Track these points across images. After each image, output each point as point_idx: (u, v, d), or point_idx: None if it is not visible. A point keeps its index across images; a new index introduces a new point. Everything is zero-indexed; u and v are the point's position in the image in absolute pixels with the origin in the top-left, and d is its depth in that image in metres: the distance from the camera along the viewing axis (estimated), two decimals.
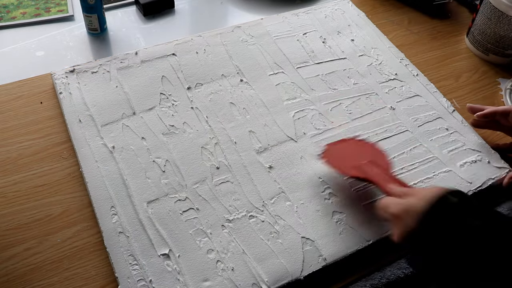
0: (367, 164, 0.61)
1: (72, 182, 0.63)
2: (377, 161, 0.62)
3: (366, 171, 0.60)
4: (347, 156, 0.65)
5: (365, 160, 0.62)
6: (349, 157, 0.64)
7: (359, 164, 0.61)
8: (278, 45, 0.82)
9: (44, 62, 0.79)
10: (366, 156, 0.63)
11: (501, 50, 0.86)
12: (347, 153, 0.65)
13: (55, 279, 0.55)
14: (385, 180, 0.58)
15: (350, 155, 0.65)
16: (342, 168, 0.63)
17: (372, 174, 0.60)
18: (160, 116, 0.69)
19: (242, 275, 0.56)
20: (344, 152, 0.65)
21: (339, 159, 0.64)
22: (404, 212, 0.50)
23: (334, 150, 0.65)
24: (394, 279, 0.58)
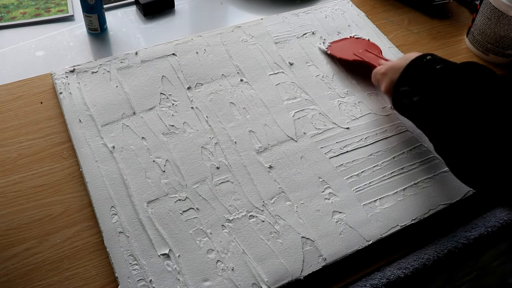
0: (363, 51, 0.80)
1: (72, 182, 0.63)
2: (371, 49, 0.80)
3: (363, 56, 0.78)
4: (347, 48, 0.82)
5: (361, 49, 0.80)
6: (349, 48, 0.81)
7: (357, 52, 0.79)
8: (278, 45, 0.82)
9: (44, 62, 0.79)
10: (362, 47, 0.81)
11: (501, 50, 0.86)
12: (347, 46, 0.82)
13: (55, 279, 0.55)
14: (377, 59, 0.76)
15: (349, 46, 0.82)
16: (344, 56, 0.79)
17: (367, 57, 0.78)
18: (160, 116, 0.69)
19: (242, 275, 0.56)
20: (344, 45, 0.83)
21: (342, 50, 0.81)
22: (390, 69, 0.67)
23: (337, 45, 0.83)
24: (394, 279, 0.58)
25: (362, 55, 0.78)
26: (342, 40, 0.84)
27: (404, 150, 0.70)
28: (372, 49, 0.80)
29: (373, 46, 0.81)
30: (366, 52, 0.79)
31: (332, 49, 0.82)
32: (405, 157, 0.69)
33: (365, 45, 0.82)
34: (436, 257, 0.61)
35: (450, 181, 0.67)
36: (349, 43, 0.83)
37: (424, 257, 0.61)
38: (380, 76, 0.69)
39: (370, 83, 0.76)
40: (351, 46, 0.82)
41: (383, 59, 0.76)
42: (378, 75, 0.69)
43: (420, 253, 0.61)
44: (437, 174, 0.68)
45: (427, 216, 0.63)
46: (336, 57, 0.80)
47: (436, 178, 0.67)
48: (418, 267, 0.60)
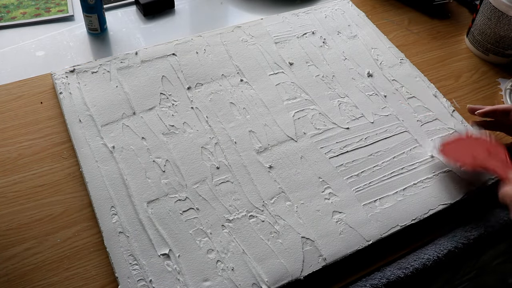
0: (484, 155, 0.64)
1: (72, 182, 0.63)
2: (493, 151, 0.64)
3: (484, 162, 0.63)
4: (463, 149, 0.68)
5: (482, 153, 0.65)
6: (465, 150, 0.67)
7: (476, 156, 0.65)
8: (278, 45, 0.82)
9: (44, 62, 0.79)
10: (483, 149, 0.66)
11: (501, 50, 0.86)
12: (463, 147, 0.68)
13: (55, 279, 0.55)
14: (504, 168, 0.61)
15: (467, 148, 0.68)
16: (462, 160, 0.66)
17: (491, 164, 0.62)
18: (160, 116, 0.69)
19: (242, 275, 0.56)
20: (460, 146, 0.69)
21: (457, 152, 0.67)
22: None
23: (450, 145, 0.69)
24: (394, 279, 0.58)
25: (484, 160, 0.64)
26: (457, 139, 0.71)
27: (404, 150, 0.70)
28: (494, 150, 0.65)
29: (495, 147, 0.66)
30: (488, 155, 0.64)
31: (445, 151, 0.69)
32: (405, 157, 0.69)
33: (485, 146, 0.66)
34: (436, 257, 0.61)
35: (450, 181, 0.67)
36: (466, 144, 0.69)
37: (424, 257, 0.61)
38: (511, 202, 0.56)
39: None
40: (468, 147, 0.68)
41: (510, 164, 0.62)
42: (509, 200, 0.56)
43: (420, 253, 0.61)
44: (437, 174, 0.68)
45: (427, 216, 0.63)
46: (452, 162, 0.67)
47: (436, 178, 0.67)
48: (418, 267, 0.60)
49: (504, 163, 0.62)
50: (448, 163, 0.67)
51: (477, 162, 0.64)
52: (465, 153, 0.66)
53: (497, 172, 0.61)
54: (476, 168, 0.64)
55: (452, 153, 0.67)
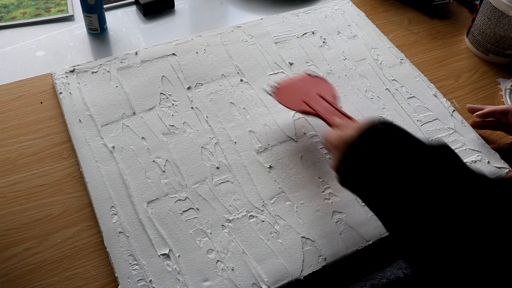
0: (314, 97, 0.64)
1: (72, 182, 0.63)
2: (324, 94, 0.65)
3: (313, 105, 0.63)
4: (296, 91, 0.67)
5: (313, 94, 0.65)
6: (298, 92, 0.67)
7: (306, 99, 0.65)
8: (278, 45, 0.82)
9: (44, 62, 0.79)
10: (314, 90, 0.66)
11: (501, 50, 0.86)
12: (295, 89, 0.68)
13: (55, 279, 0.55)
14: (329, 113, 0.62)
15: (300, 90, 0.67)
16: (291, 104, 0.65)
17: (317, 108, 0.63)
18: (160, 116, 0.69)
19: (242, 275, 0.56)
20: (294, 87, 0.68)
21: (288, 95, 0.67)
22: (340, 143, 0.52)
23: (284, 88, 0.68)
24: (394, 279, 0.58)
25: (313, 102, 0.64)
26: (292, 79, 0.70)
27: None
28: (325, 91, 0.66)
29: (327, 89, 0.67)
30: (319, 98, 0.64)
31: (278, 93, 0.68)
32: None
33: (318, 87, 0.67)
34: None
35: None
36: (299, 85, 0.69)
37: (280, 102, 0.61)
38: (331, 147, 0.55)
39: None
40: (301, 89, 0.67)
41: (338, 111, 0.62)
42: (329, 145, 0.55)
43: None
44: None
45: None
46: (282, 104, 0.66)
47: None
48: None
49: (331, 106, 0.62)
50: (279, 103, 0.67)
51: (306, 106, 0.64)
52: (297, 95, 0.66)
53: (322, 116, 0.61)
54: (306, 113, 0.64)
55: (284, 96, 0.67)
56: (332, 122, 0.60)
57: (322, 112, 0.62)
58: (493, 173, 0.69)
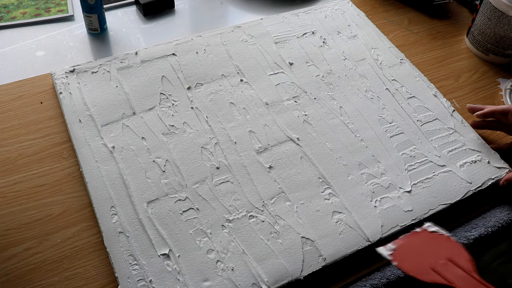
0: (446, 264, 0.54)
1: (72, 182, 0.63)
2: (456, 258, 0.54)
3: (446, 274, 0.53)
4: (420, 254, 0.56)
5: (442, 259, 0.54)
6: (423, 256, 0.55)
7: (436, 266, 0.54)
8: (278, 45, 0.82)
9: (44, 62, 0.79)
10: (442, 253, 0.55)
11: (501, 50, 0.86)
12: (420, 251, 0.56)
13: (55, 279, 0.55)
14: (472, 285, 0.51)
15: (424, 252, 0.56)
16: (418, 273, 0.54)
17: (454, 278, 0.52)
18: (160, 116, 0.69)
19: (242, 275, 0.56)
20: (416, 249, 0.57)
21: (412, 259, 0.55)
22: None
23: (405, 249, 0.57)
24: (394, 279, 0.58)
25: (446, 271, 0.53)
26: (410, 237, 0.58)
27: (404, 151, 0.70)
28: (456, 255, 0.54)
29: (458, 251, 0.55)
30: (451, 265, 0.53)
31: (397, 255, 0.56)
32: (405, 157, 0.69)
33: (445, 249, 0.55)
34: None
35: (450, 181, 0.67)
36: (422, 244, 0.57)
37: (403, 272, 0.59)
38: None
39: None
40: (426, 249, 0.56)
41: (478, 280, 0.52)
42: None
43: None
44: (437, 174, 0.68)
45: (427, 216, 0.63)
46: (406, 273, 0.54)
47: (436, 178, 0.67)
48: None
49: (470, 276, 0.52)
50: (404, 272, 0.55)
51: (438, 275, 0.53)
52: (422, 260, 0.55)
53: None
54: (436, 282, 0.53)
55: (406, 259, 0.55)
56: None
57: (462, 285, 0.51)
58: (493, 173, 0.69)
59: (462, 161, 0.70)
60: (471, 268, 0.53)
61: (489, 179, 0.68)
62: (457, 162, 0.69)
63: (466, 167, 0.69)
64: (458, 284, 0.51)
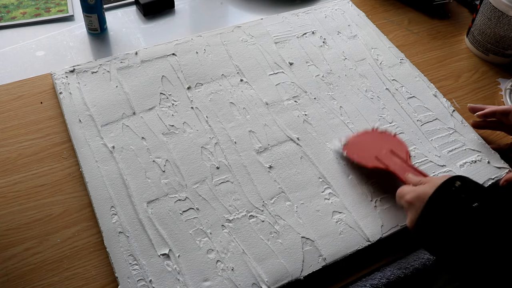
0: (387, 154, 0.65)
1: (72, 182, 0.63)
2: (397, 151, 0.65)
3: (386, 162, 0.63)
4: (367, 147, 0.67)
5: (385, 150, 0.65)
6: (369, 148, 0.67)
7: (379, 155, 0.65)
8: (278, 45, 0.82)
9: (44, 62, 0.79)
10: (386, 146, 0.66)
11: (501, 50, 0.86)
12: (367, 145, 0.68)
13: (55, 279, 0.55)
14: (403, 169, 0.62)
15: (371, 146, 0.67)
16: (363, 160, 0.65)
17: (391, 164, 0.63)
18: (160, 116, 0.69)
19: (242, 275, 0.56)
20: (365, 143, 0.68)
21: (360, 150, 0.67)
22: (416, 199, 0.53)
23: (355, 142, 0.68)
24: (394, 279, 0.58)
25: (386, 159, 0.64)
26: (362, 134, 0.70)
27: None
28: (398, 149, 0.65)
29: (399, 146, 0.66)
30: (391, 155, 0.64)
31: (349, 148, 0.67)
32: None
33: (389, 144, 0.67)
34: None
35: None
36: (371, 140, 0.69)
37: (424, 257, 0.60)
38: (405, 203, 0.56)
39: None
40: (373, 144, 0.68)
41: (411, 167, 0.62)
42: (403, 201, 0.56)
43: (420, 253, 0.61)
44: (437, 174, 0.67)
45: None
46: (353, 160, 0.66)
47: None
48: (418, 267, 0.60)
49: (404, 163, 0.63)
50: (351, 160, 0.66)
51: (379, 162, 0.64)
52: (368, 151, 0.66)
53: (396, 173, 0.62)
54: (376, 168, 0.64)
55: (355, 151, 0.67)
56: (405, 179, 0.60)
57: (396, 169, 0.62)
58: (493, 173, 0.69)
59: (462, 161, 0.70)
60: (406, 157, 0.64)
61: (489, 179, 0.68)
62: (457, 162, 0.69)
63: (466, 167, 0.69)
64: (393, 168, 0.62)
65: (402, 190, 0.57)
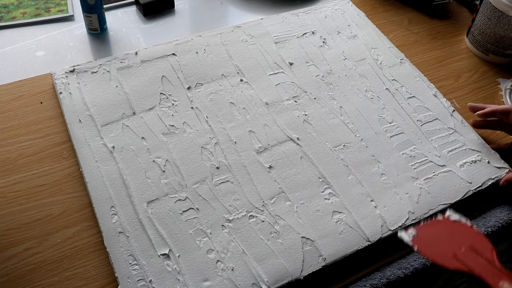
0: (467, 252, 0.54)
1: (72, 182, 0.63)
2: (478, 247, 0.55)
3: (468, 263, 0.53)
4: (442, 242, 0.57)
5: (464, 247, 0.55)
6: (445, 243, 0.56)
7: (458, 253, 0.54)
8: (278, 45, 0.82)
9: (44, 62, 0.79)
10: (464, 242, 0.55)
11: (501, 50, 0.86)
12: (441, 238, 0.57)
13: (55, 279, 0.55)
14: (493, 273, 0.52)
15: (446, 240, 0.57)
16: (440, 259, 0.55)
17: (476, 267, 0.53)
18: (160, 116, 0.69)
19: (242, 275, 0.56)
20: (438, 236, 0.58)
21: (434, 246, 0.56)
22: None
23: (426, 235, 0.58)
24: (394, 279, 0.58)
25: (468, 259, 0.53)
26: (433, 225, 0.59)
27: (405, 151, 0.70)
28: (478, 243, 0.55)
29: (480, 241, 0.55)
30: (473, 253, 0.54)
31: (419, 241, 0.57)
32: (405, 157, 0.69)
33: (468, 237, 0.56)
34: None
35: (450, 181, 0.67)
36: (444, 232, 0.58)
37: (424, 257, 0.60)
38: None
39: None
40: (448, 237, 0.57)
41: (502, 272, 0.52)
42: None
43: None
44: (437, 174, 0.68)
45: (427, 216, 0.63)
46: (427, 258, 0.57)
47: (436, 178, 0.67)
48: (418, 267, 0.60)
49: (492, 265, 0.53)
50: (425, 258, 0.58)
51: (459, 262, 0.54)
52: (443, 247, 0.56)
53: (486, 280, 0.51)
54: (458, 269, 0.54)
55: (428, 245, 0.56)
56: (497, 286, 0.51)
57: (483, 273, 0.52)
58: (493, 173, 0.69)
59: (462, 161, 0.70)
60: (493, 257, 0.53)
61: (489, 179, 0.68)
62: (457, 162, 0.69)
63: (466, 167, 0.69)
64: (480, 272, 0.52)
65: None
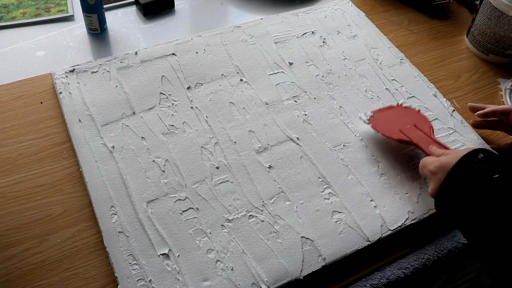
0: (411, 128, 0.67)
1: (72, 182, 0.63)
2: (420, 125, 0.67)
3: (410, 135, 0.66)
4: (392, 121, 0.70)
5: (409, 125, 0.68)
6: (394, 122, 0.70)
7: (404, 128, 0.67)
8: (277, 45, 0.82)
9: (44, 62, 0.79)
10: (410, 121, 0.68)
11: (501, 50, 0.86)
12: (392, 119, 0.71)
13: (55, 279, 0.55)
14: (427, 142, 0.64)
15: (395, 120, 0.70)
16: (388, 132, 0.68)
17: (415, 137, 0.66)
18: (160, 116, 0.69)
19: (241, 275, 0.56)
20: (389, 117, 0.71)
21: (385, 124, 0.70)
22: (439, 168, 0.56)
23: (380, 116, 0.71)
24: (394, 279, 0.58)
25: (410, 133, 0.66)
26: (387, 109, 0.73)
27: (405, 150, 0.70)
28: (421, 124, 0.68)
29: (423, 121, 0.69)
30: (415, 129, 0.67)
31: (374, 121, 0.70)
32: (405, 157, 0.69)
33: (413, 118, 0.69)
34: (436, 257, 0.61)
35: None
36: (395, 114, 0.72)
37: (424, 257, 0.61)
38: (428, 173, 0.58)
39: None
40: (397, 118, 0.71)
41: (434, 141, 0.64)
42: (426, 171, 0.58)
43: (420, 253, 0.61)
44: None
45: (427, 216, 0.63)
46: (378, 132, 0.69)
47: None
48: (418, 267, 0.60)
49: (428, 137, 0.65)
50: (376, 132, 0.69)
51: (403, 135, 0.66)
52: (392, 125, 0.69)
53: (420, 146, 0.64)
54: (401, 140, 0.66)
55: (380, 124, 0.70)
56: (429, 151, 0.62)
57: (420, 142, 0.65)
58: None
59: None
60: (430, 132, 0.66)
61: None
62: None
63: None
64: (417, 141, 0.65)
65: (426, 161, 0.59)
